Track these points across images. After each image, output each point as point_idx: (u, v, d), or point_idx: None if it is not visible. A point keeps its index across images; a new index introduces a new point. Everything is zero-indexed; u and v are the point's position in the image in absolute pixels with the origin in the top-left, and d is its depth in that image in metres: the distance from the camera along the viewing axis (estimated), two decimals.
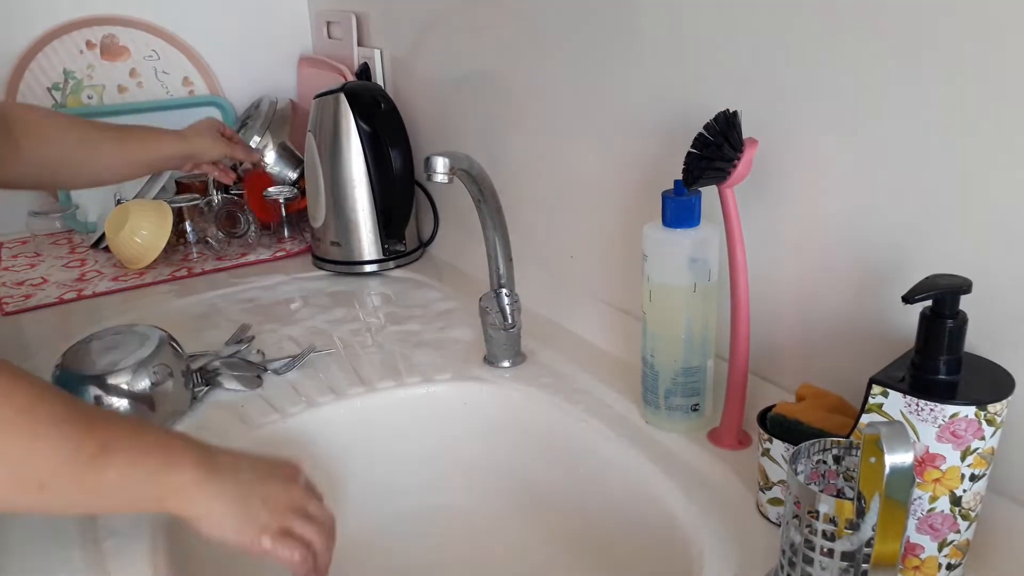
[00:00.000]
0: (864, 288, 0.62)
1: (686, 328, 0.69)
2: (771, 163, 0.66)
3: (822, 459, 0.52)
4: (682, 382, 0.70)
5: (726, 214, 0.64)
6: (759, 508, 0.62)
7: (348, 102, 1.13)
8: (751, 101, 0.67)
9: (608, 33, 0.81)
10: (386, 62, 1.29)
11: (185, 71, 1.51)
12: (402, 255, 1.20)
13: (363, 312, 1.05)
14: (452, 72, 1.12)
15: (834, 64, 0.60)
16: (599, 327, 0.91)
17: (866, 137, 0.59)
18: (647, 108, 0.79)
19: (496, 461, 0.84)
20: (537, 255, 1.00)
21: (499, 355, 0.87)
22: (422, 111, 1.22)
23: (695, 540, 0.60)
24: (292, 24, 1.56)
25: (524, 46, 0.94)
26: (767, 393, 0.70)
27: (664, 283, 0.68)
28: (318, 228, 1.19)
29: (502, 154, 1.03)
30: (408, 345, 0.93)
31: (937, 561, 0.52)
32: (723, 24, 0.69)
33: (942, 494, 0.50)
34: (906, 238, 0.58)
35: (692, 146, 0.63)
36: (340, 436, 0.82)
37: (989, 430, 0.48)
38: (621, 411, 0.77)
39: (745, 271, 0.65)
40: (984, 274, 0.52)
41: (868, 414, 0.51)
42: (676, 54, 0.74)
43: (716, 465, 0.68)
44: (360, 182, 1.15)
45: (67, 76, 1.43)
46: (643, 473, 0.69)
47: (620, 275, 0.88)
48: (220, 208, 1.29)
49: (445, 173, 0.74)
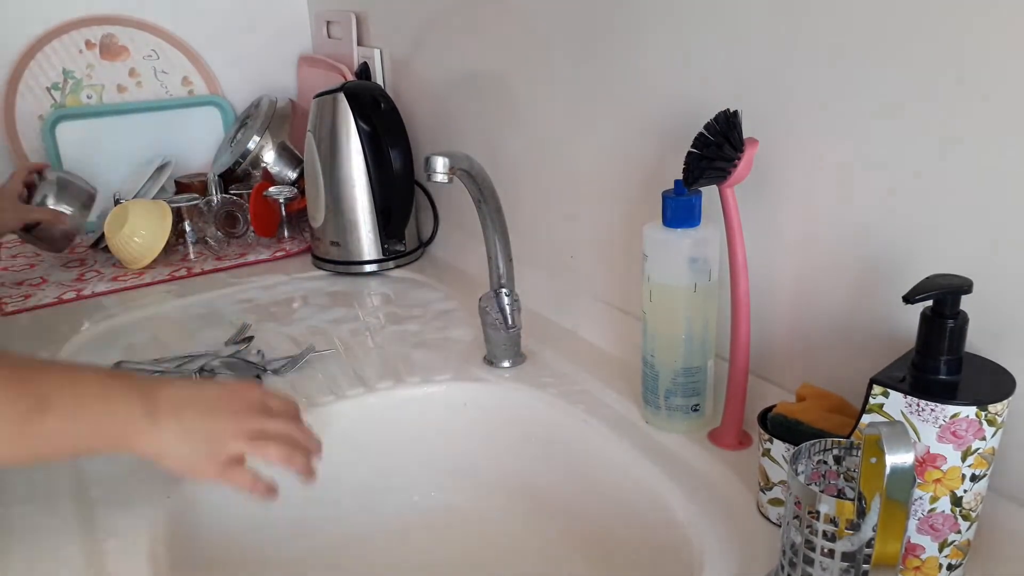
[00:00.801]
0: (864, 288, 0.62)
1: (686, 328, 0.69)
2: (771, 163, 0.66)
3: (823, 459, 0.52)
4: (682, 382, 0.70)
5: (726, 214, 0.64)
6: (759, 508, 0.62)
7: (348, 102, 1.13)
8: (751, 101, 0.66)
9: (608, 33, 0.81)
10: (386, 62, 1.29)
11: (185, 71, 1.51)
12: (402, 255, 1.20)
13: (363, 312, 1.05)
14: (452, 72, 1.12)
15: (834, 64, 0.60)
16: (599, 327, 0.91)
17: (866, 137, 0.59)
18: (647, 108, 0.79)
19: (496, 461, 0.84)
20: (537, 255, 1.00)
21: (499, 355, 0.87)
22: (422, 111, 1.22)
23: (695, 540, 0.60)
24: (292, 24, 1.56)
25: (524, 46, 0.94)
26: (767, 393, 0.70)
27: (664, 283, 0.68)
28: (318, 228, 1.19)
29: (502, 154, 1.03)
30: (408, 345, 0.93)
31: (938, 561, 0.52)
32: (723, 24, 0.68)
33: (943, 494, 0.50)
34: (906, 238, 0.58)
35: (692, 146, 0.63)
36: (340, 436, 0.82)
37: (990, 430, 0.48)
38: (621, 411, 0.77)
39: (745, 271, 0.65)
40: (985, 274, 0.52)
41: (869, 414, 0.51)
42: (676, 54, 0.74)
43: (716, 465, 0.68)
44: (360, 182, 1.15)
45: (66, 76, 1.43)
46: (643, 473, 0.68)
47: (620, 275, 0.88)
48: (219, 208, 1.29)
49: (445, 173, 0.74)
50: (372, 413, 0.83)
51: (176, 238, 1.26)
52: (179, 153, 1.48)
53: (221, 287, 1.14)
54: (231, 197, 1.31)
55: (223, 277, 1.19)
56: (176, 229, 1.25)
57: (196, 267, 1.22)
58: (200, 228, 1.28)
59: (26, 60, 1.39)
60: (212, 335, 0.97)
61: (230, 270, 1.22)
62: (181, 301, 1.10)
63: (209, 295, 1.12)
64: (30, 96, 1.40)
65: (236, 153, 1.41)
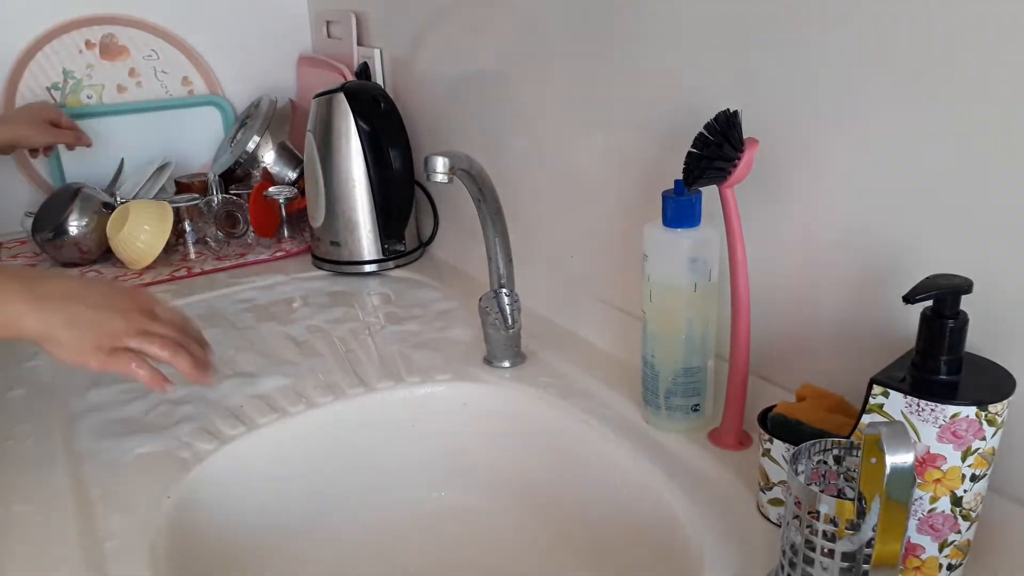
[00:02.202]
0: (864, 288, 0.62)
1: (686, 328, 0.69)
2: (771, 163, 0.66)
3: (823, 459, 0.52)
4: (682, 382, 0.70)
5: (726, 214, 0.64)
6: (760, 508, 0.62)
7: (348, 102, 1.13)
8: (752, 101, 0.66)
9: (608, 33, 0.81)
10: (386, 62, 1.29)
11: (184, 71, 1.51)
12: (402, 255, 1.20)
13: (363, 312, 1.05)
14: (452, 72, 1.12)
15: (835, 64, 0.60)
16: (599, 327, 0.91)
17: (866, 137, 0.59)
18: (647, 107, 0.78)
19: (496, 461, 0.84)
20: (537, 255, 1.00)
21: (499, 355, 0.87)
22: (422, 111, 1.22)
23: (695, 540, 0.60)
24: (292, 24, 1.56)
25: (524, 46, 0.94)
26: (767, 393, 0.70)
27: (664, 283, 0.68)
28: (317, 228, 1.19)
29: (502, 154, 1.03)
30: (408, 345, 0.93)
31: (938, 561, 0.52)
32: (723, 23, 0.68)
33: (943, 494, 0.50)
34: (906, 238, 0.58)
35: (692, 146, 0.63)
36: (340, 436, 0.82)
37: (990, 430, 0.48)
38: (621, 411, 0.77)
39: (745, 271, 0.65)
40: (985, 274, 0.52)
41: (869, 414, 0.51)
42: (677, 53, 0.74)
43: (717, 465, 0.68)
44: (359, 182, 1.15)
45: (66, 76, 1.43)
46: (643, 473, 0.68)
47: (620, 275, 0.88)
48: (219, 208, 1.29)
49: (445, 173, 0.74)
50: (372, 413, 0.83)
51: (176, 238, 1.26)
52: (179, 153, 1.48)
53: (221, 287, 1.14)
54: (231, 197, 1.31)
55: (223, 277, 1.19)
56: (176, 229, 1.25)
57: (196, 267, 1.22)
58: (200, 228, 1.28)
59: (26, 60, 1.39)
60: (212, 335, 0.97)
61: (230, 270, 1.22)
62: (181, 301, 1.10)
63: (209, 295, 1.12)
64: (30, 96, 1.40)
65: (236, 153, 1.41)
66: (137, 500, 0.67)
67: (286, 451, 0.78)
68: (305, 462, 0.79)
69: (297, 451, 0.79)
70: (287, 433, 0.78)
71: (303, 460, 0.79)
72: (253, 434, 0.76)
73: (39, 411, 0.82)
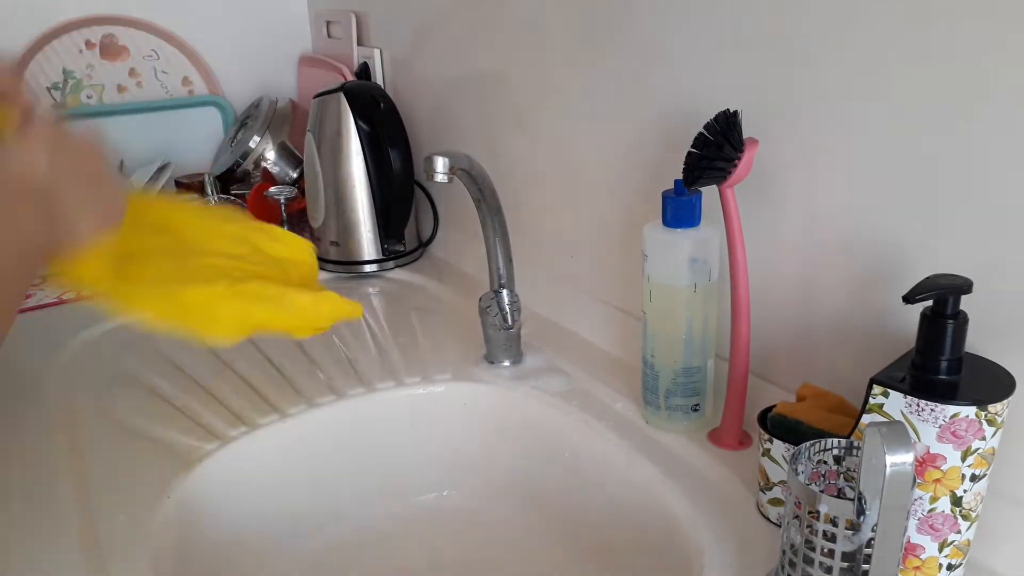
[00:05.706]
0: (864, 288, 0.62)
1: (686, 328, 0.69)
2: (771, 163, 0.66)
3: (822, 459, 0.52)
4: (682, 382, 0.70)
5: (726, 214, 0.64)
6: (759, 508, 0.62)
7: (347, 102, 1.13)
8: (752, 101, 0.66)
9: (608, 33, 0.81)
10: (386, 62, 1.29)
11: (185, 71, 1.51)
12: (402, 255, 1.20)
13: (362, 312, 1.05)
14: (452, 72, 1.11)
15: (835, 64, 0.60)
16: (599, 327, 0.91)
17: (866, 137, 0.59)
18: (647, 107, 0.78)
19: (496, 461, 0.84)
20: (537, 255, 1.00)
21: (499, 355, 0.87)
22: (422, 111, 1.22)
23: (695, 540, 0.60)
24: (292, 24, 1.56)
25: (524, 46, 0.94)
26: (767, 393, 0.70)
27: (664, 283, 0.68)
28: (317, 228, 1.19)
29: (502, 154, 1.03)
30: (408, 345, 0.93)
31: (937, 561, 0.52)
32: (724, 23, 0.68)
33: (943, 494, 0.50)
34: (906, 238, 0.58)
35: (692, 146, 0.63)
36: (340, 436, 0.82)
37: (990, 430, 0.48)
38: (621, 411, 0.77)
39: (745, 271, 0.65)
40: (985, 274, 0.52)
41: (869, 414, 0.51)
42: (677, 54, 0.74)
43: (716, 465, 0.68)
44: (359, 182, 1.15)
45: (67, 76, 1.43)
46: (643, 473, 0.68)
47: (620, 275, 0.88)
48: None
49: (445, 173, 0.74)
50: (372, 413, 0.83)
51: None
52: (179, 153, 1.47)
53: None
54: (228, 198, 1.31)
55: None
56: None
57: None
58: None
59: (26, 60, 1.39)
60: None
61: None
62: None
63: None
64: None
65: (236, 153, 1.41)
66: (137, 500, 0.67)
67: (286, 451, 0.78)
68: (305, 462, 0.80)
69: (297, 451, 0.79)
70: (287, 433, 0.78)
71: (303, 460, 0.79)
72: (253, 434, 0.77)
73: (39, 411, 0.82)
